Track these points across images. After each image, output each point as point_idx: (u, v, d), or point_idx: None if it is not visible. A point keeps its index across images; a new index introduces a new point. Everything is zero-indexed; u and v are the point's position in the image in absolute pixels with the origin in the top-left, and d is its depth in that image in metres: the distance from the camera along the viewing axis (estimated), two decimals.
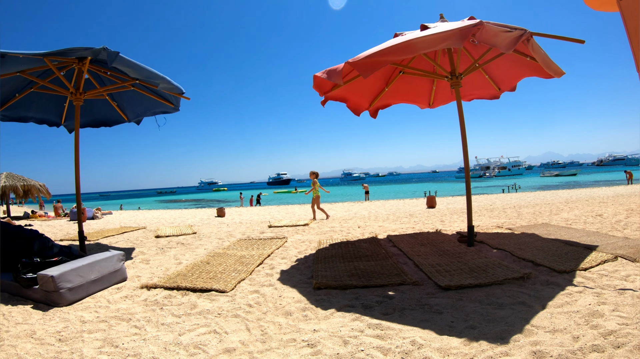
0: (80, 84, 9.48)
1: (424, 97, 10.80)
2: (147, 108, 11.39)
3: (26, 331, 4.57)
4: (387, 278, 5.66)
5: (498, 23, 6.00)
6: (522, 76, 9.29)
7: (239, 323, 4.40)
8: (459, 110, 8.03)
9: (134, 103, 11.53)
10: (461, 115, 8.00)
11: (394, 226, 11.31)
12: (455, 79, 8.11)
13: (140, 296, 5.74)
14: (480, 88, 10.20)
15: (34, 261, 6.29)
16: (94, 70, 9.97)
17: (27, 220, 25.73)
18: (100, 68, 9.86)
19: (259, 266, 7.15)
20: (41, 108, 11.28)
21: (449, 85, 10.24)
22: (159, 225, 16.44)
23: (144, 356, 3.69)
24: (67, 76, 9.99)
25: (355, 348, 3.52)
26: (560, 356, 3.15)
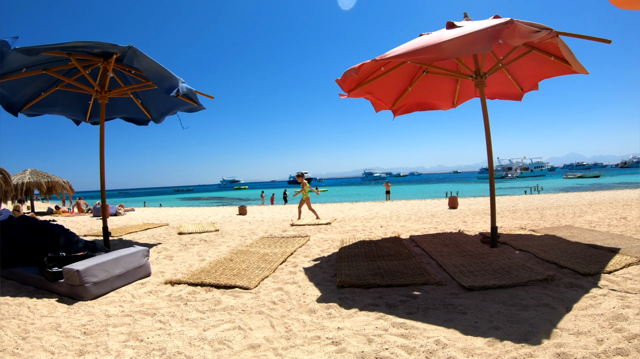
0: (105, 83, 9.58)
1: (447, 96, 10.73)
2: (171, 106, 11.48)
3: (51, 324, 4.63)
4: (410, 278, 5.64)
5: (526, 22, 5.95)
6: (546, 76, 9.14)
7: (263, 319, 4.42)
8: (483, 110, 7.96)
9: (158, 102, 11.63)
10: (486, 115, 7.94)
11: (416, 226, 11.29)
12: (480, 78, 8.03)
13: (165, 292, 5.79)
14: (502, 88, 10.08)
15: (59, 255, 6.38)
16: (119, 69, 10.11)
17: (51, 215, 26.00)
18: (125, 67, 9.96)
19: (282, 264, 7.17)
20: (66, 106, 11.43)
21: (470, 84, 10.20)
22: (181, 222, 16.56)
23: (169, 350, 3.72)
24: (92, 74, 10.09)
25: (379, 346, 3.51)
26: None
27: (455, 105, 10.86)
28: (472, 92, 10.60)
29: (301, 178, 16.97)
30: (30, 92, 10.28)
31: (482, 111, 8.00)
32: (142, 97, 11.67)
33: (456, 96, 10.63)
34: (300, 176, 17.09)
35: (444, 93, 10.65)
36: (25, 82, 9.67)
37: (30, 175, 32.66)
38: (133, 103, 11.79)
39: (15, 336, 4.34)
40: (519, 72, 9.55)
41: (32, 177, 32.58)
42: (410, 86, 9.86)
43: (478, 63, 8.11)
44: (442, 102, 10.80)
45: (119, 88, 10.27)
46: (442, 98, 10.73)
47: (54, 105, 11.17)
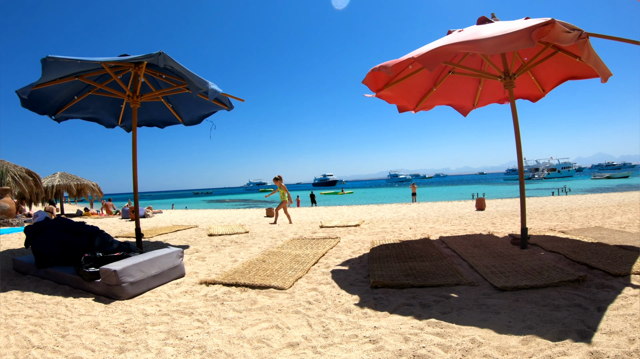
0: (137, 87, 9.75)
1: (469, 97, 10.64)
2: (202, 109, 11.63)
3: (90, 323, 4.73)
4: (443, 279, 5.67)
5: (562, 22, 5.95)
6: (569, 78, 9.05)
7: (300, 318, 4.47)
8: (513, 111, 7.94)
9: (188, 105, 11.78)
10: (515, 116, 7.90)
11: (445, 228, 11.29)
12: (509, 79, 8.02)
13: (200, 292, 5.87)
14: (524, 88, 10.02)
15: (96, 255, 6.50)
16: (150, 74, 10.27)
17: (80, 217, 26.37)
18: (156, 72, 10.15)
19: (314, 265, 7.22)
20: (98, 110, 11.65)
21: (491, 87, 10.19)
22: (209, 224, 16.66)
23: (209, 348, 3.79)
24: (123, 79, 10.28)
25: (416, 345, 3.55)
26: (617, 357, 3.13)
27: (475, 106, 10.82)
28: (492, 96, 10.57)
29: (279, 181, 16.98)
30: (63, 98, 10.50)
31: (511, 112, 7.97)
32: (173, 101, 11.83)
33: (477, 97, 10.59)
34: (278, 179, 17.06)
35: (466, 94, 10.58)
36: (58, 88, 9.87)
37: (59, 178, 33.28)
38: (164, 107, 11.96)
39: (54, 333, 4.44)
40: (542, 73, 9.52)
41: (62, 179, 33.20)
42: (435, 86, 9.84)
43: (507, 64, 8.11)
44: (464, 102, 10.76)
45: (150, 93, 10.43)
46: (464, 99, 10.68)
47: (86, 109, 11.38)
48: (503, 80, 8.11)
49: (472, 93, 10.60)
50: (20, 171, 25.37)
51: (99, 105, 11.62)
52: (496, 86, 10.12)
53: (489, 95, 10.60)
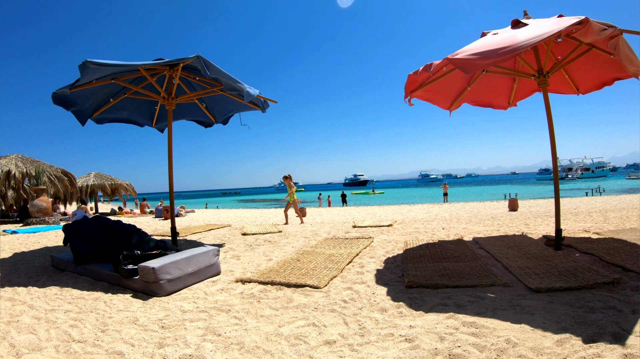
0: (172, 90, 9.91)
1: (503, 95, 10.55)
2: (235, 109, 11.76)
3: (129, 318, 4.84)
4: (477, 279, 5.68)
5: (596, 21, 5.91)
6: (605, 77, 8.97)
7: (336, 317, 4.51)
8: (547, 110, 7.85)
9: (222, 106, 11.94)
10: (549, 115, 7.82)
11: (478, 229, 11.24)
12: (543, 77, 7.95)
13: (236, 290, 5.95)
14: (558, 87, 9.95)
15: (134, 253, 6.62)
16: (184, 76, 10.43)
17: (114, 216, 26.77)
18: (190, 74, 10.29)
19: (348, 265, 7.26)
20: (133, 112, 11.86)
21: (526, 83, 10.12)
22: (242, 224, 16.83)
23: (247, 344, 3.84)
24: (158, 81, 10.43)
25: (452, 344, 3.57)
26: None
27: (511, 104, 10.74)
28: (526, 91, 10.47)
29: (288, 180, 16.92)
30: (99, 100, 10.72)
31: (545, 111, 7.90)
32: (207, 102, 12.00)
33: (512, 95, 10.48)
34: (287, 178, 17.00)
35: (501, 92, 10.48)
36: (94, 91, 10.07)
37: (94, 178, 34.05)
38: (198, 108, 12.14)
39: (94, 328, 4.54)
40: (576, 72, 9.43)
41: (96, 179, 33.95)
42: (470, 86, 9.77)
43: (540, 62, 8.04)
44: (498, 101, 10.68)
45: (185, 95, 10.62)
46: (499, 97, 10.61)
47: (121, 111, 11.60)
48: (537, 79, 8.05)
49: (507, 91, 10.51)
50: (56, 171, 25.87)
51: (134, 107, 11.83)
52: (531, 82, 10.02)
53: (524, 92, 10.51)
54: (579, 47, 7.77)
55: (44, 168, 24.68)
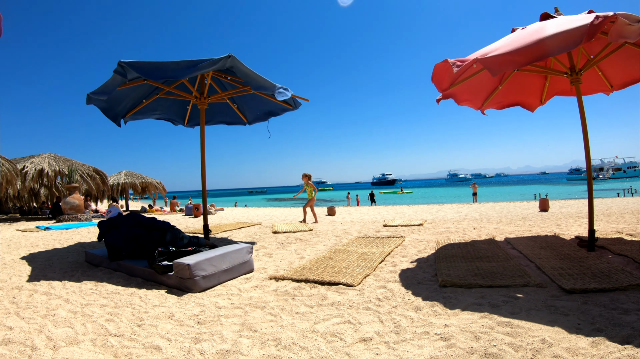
0: (204, 89, 10.04)
1: (535, 94, 10.47)
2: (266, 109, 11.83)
3: (164, 313, 4.91)
4: (510, 279, 5.66)
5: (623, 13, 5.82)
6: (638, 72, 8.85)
7: (371, 315, 4.53)
8: (580, 109, 7.76)
9: (253, 105, 12.02)
10: (582, 114, 7.72)
11: (510, 229, 11.16)
12: (576, 75, 7.86)
13: (270, 287, 6.01)
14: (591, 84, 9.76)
15: (169, 250, 6.73)
16: (215, 76, 10.56)
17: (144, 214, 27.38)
18: (221, 74, 10.38)
19: (381, 263, 7.26)
20: (165, 112, 11.99)
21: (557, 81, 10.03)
22: (271, 222, 16.93)
23: (283, 341, 3.88)
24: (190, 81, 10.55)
25: (487, 343, 3.57)
26: None
27: (543, 102, 10.62)
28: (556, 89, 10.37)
29: (306, 178, 16.91)
30: (133, 101, 10.88)
31: (578, 110, 7.79)
32: (238, 102, 12.09)
33: (544, 93, 10.39)
34: (306, 176, 16.97)
35: (532, 90, 10.34)
36: (127, 92, 10.24)
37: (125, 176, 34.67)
38: (229, 108, 12.23)
39: (130, 323, 4.63)
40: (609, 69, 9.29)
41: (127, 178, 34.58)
42: (501, 84, 9.70)
43: (573, 60, 7.96)
44: (530, 99, 10.55)
45: (216, 94, 10.74)
46: (530, 96, 10.48)
47: (154, 111, 11.75)
48: (569, 77, 7.96)
49: (539, 89, 10.39)
50: (88, 169, 26.36)
51: (166, 107, 12.00)
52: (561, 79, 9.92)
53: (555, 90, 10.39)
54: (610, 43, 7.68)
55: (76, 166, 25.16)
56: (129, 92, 10.42)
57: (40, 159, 25.33)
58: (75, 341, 4.14)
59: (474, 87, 9.37)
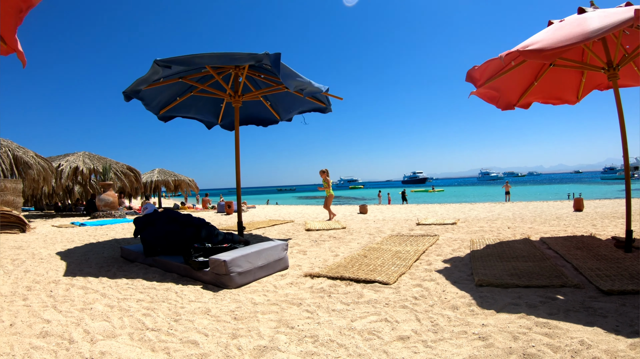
0: (238, 88, 10.12)
1: (571, 90, 10.28)
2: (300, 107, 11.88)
3: (201, 309, 4.96)
4: (547, 280, 5.60)
5: None
6: None
7: (407, 313, 4.52)
8: (617, 105, 7.58)
9: (286, 103, 12.11)
10: (620, 110, 7.55)
11: (544, 229, 11.04)
12: (613, 71, 7.74)
13: (305, 284, 6.04)
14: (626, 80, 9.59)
15: (205, 246, 6.78)
16: (249, 74, 10.61)
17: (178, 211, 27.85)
18: (255, 72, 10.48)
19: (415, 262, 7.25)
20: (199, 110, 12.14)
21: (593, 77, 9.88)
22: (303, 219, 17.01)
23: (321, 337, 3.89)
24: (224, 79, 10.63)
25: (526, 344, 3.55)
26: None
27: (579, 99, 10.48)
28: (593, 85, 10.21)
29: (325, 174, 16.87)
30: (166, 98, 11.06)
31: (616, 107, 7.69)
32: (271, 99, 12.17)
33: (581, 89, 10.23)
34: (324, 172, 16.94)
35: (568, 86, 10.17)
36: (162, 89, 10.42)
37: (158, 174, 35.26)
38: (262, 105, 12.32)
39: (167, 318, 4.68)
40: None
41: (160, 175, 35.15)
42: (536, 80, 9.57)
43: (610, 55, 7.84)
44: (566, 95, 10.42)
45: (250, 93, 10.81)
46: (566, 92, 10.34)
47: (187, 109, 11.93)
48: (607, 72, 7.84)
49: (575, 85, 10.22)
50: (122, 167, 26.85)
51: (200, 105, 12.18)
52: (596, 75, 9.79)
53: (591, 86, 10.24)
54: None
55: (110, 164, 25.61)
56: (163, 90, 10.61)
57: (75, 157, 25.86)
58: (113, 334, 4.21)
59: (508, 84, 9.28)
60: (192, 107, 12.11)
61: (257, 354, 3.64)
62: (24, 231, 14.32)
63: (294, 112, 12.33)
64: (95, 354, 3.70)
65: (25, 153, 20.56)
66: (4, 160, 19.21)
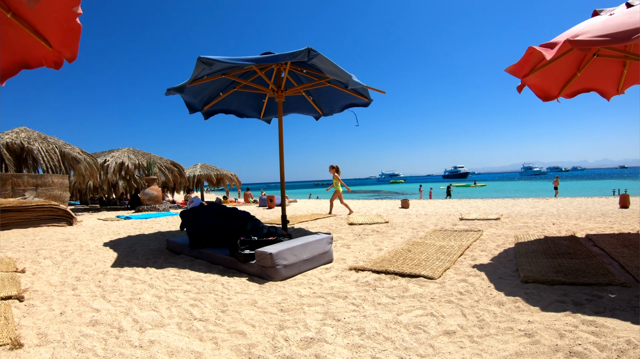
0: (280, 83, 10.27)
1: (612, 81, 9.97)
2: (342, 101, 11.93)
3: (247, 300, 5.05)
4: (593, 277, 5.52)
5: None
6: None
7: (453, 308, 4.53)
8: None
9: (328, 98, 12.19)
10: None
11: (590, 225, 10.88)
12: None
13: (350, 277, 6.07)
14: None
15: (251, 239, 6.89)
16: (292, 70, 10.72)
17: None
18: (297, 67, 10.58)
19: (460, 257, 7.23)
20: (242, 105, 12.26)
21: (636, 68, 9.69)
22: (345, 214, 16.97)
23: (367, 330, 3.93)
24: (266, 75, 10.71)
25: (572, 341, 3.54)
26: None
27: (620, 91, 10.26)
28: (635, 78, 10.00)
29: (333, 170, 16.90)
30: (210, 94, 11.23)
31: None
32: (314, 94, 12.24)
33: (622, 81, 10.02)
34: (333, 168, 16.98)
35: (610, 77, 9.96)
36: (205, 86, 10.58)
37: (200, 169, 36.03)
38: (305, 100, 12.41)
39: (214, 308, 4.79)
40: None
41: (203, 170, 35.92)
42: (579, 71, 9.37)
43: None
44: (607, 87, 10.21)
45: (293, 88, 10.95)
46: (607, 84, 10.14)
47: (230, 104, 12.06)
48: None
49: (616, 76, 10.02)
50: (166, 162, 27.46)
51: (242, 100, 12.31)
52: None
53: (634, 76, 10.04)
54: None
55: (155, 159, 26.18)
56: (207, 86, 10.76)
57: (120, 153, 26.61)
58: (161, 324, 4.33)
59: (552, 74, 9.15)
60: (234, 103, 12.26)
61: (304, 346, 3.69)
62: (71, 224, 14.73)
63: (336, 107, 12.37)
64: (145, 343, 3.81)
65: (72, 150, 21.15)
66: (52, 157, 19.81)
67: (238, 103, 12.36)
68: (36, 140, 20.23)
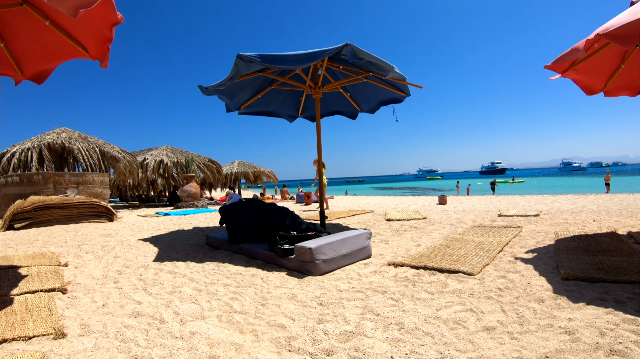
0: (318, 79, 10.25)
1: None
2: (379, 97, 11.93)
3: (286, 294, 5.10)
4: (635, 275, 5.40)
5: None
6: None
7: (492, 304, 4.51)
8: None
9: (366, 94, 12.17)
10: None
11: (632, 222, 10.64)
12: None
13: (389, 273, 6.08)
14: None
15: (290, 234, 6.95)
16: (328, 66, 10.77)
17: None
18: (334, 63, 10.63)
19: (499, 253, 7.19)
20: (279, 104, 12.38)
21: None
22: (383, 210, 16.97)
23: (407, 325, 3.94)
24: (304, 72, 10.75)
25: (613, 340, 3.50)
26: None
27: None
28: None
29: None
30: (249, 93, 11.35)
31: None
32: (351, 90, 12.23)
33: None
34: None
35: None
36: (243, 84, 10.64)
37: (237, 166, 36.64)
38: (342, 97, 12.41)
39: (254, 302, 4.85)
40: None
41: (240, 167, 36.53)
42: (623, 63, 9.11)
43: None
44: None
45: (330, 84, 10.92)
46: None
47: (268, 103, 12.21)
48: None
49: None
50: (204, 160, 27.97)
51: (280, 99, 12.42)
52: None
53: None
54: None
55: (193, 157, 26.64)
56: (245, 85, 10.83)
57: (158, 151, 27.10)
58: (202, 316, 4.41)
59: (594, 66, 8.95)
60: (272, 102, 12.36)
61: (343, 339, 3.72)
62: (112, 220, 15.10)
63: (373, 103, 12.34)
64: (186, 334, 3.89)
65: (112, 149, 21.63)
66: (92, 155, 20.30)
67: (276, 102, 12.45)
68: (77, 139, 20.74)
